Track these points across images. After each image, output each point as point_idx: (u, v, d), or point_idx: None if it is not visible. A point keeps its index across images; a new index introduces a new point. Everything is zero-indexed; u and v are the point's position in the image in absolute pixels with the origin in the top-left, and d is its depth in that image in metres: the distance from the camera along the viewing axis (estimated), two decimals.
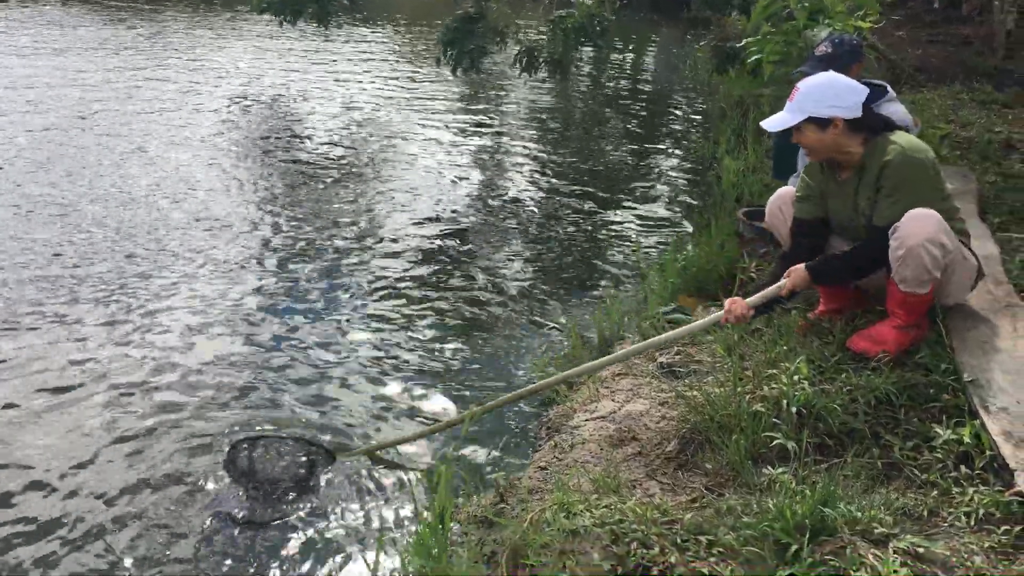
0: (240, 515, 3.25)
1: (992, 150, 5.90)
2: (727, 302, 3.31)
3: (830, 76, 3.34)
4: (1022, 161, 5.72)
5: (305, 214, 6.47)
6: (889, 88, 4.20)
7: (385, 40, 13.95)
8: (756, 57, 5.57)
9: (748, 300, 3.29)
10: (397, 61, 12.58)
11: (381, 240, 6.05)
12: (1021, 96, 7.63)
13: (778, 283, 3.29)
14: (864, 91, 3.30)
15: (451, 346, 4.62)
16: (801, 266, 3.26)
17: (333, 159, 7.93)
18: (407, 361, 4.42)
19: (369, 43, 13.70)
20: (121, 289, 5.04)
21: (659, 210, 7.02)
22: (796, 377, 3.02)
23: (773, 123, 3.36)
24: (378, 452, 3.63)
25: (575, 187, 7.44)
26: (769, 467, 2.74)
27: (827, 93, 3.24)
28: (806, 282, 3.25)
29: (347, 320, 4.85)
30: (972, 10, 12.34)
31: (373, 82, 11.22)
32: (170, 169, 7.34)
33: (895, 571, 2.16)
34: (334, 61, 12.27)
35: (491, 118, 9.77)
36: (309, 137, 8.68)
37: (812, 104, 3.24)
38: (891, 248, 3.09)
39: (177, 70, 11.31)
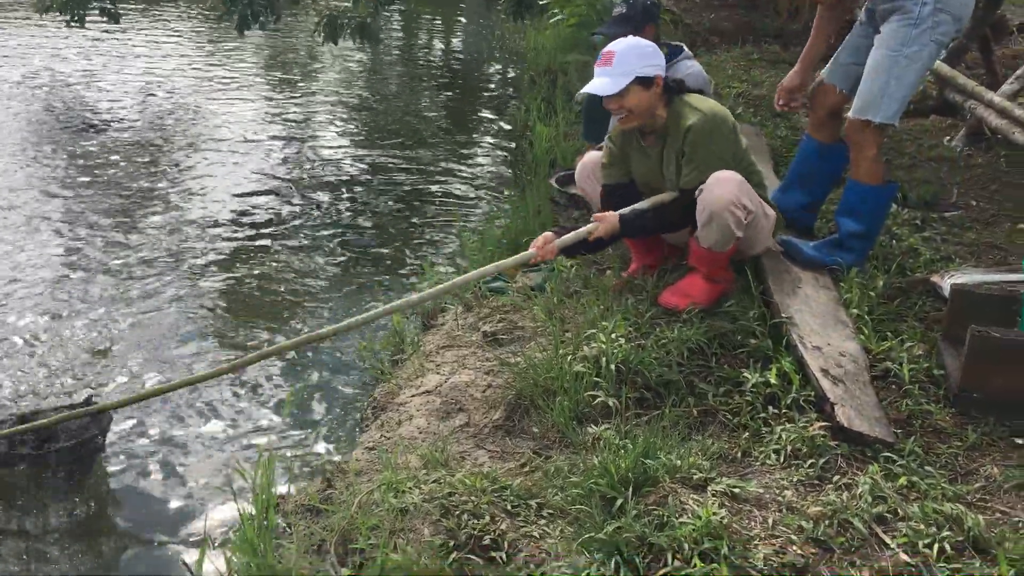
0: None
1: None
2: (539, 239, 3.27)
3: (635, 39, 3.33)
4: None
5: (105, 204, 6.02)
6: (685, 47, 4.33)
7: (179, 20, 13.18)
8: (557, 18, 5.63)
9: (557, 241, 3.26)
10: (193, 40, 11.89)
11: (184, 238, 5.69)
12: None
13: (588, 226, 3.30)
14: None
15: (272, 326, 4.45)
16: (615, 214, 3.30)
17: (128, 144, 7.39)
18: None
19: (163, 22, 12.90)
20: None
21: (478, 180, 7.00)
22: (614, 335, 3.08)
23: (600, 88, 3.22)
24: None
25: (393, 162, 7.30)
26: (593, 425, 2.79)
27: (644, 52, 3.24)
28: (615, 231, 3.28)
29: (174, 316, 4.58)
30: None
31: (167, 61, 10.52)
32: None
33: (714, 514, 2.24)
34: (125, 42, 11.43)
35: (298, 92, 9.42)
36: (101, 120, 8.06)
37: (635, 64, 3.19)
38: (697, 210, 3.18)
39: None
